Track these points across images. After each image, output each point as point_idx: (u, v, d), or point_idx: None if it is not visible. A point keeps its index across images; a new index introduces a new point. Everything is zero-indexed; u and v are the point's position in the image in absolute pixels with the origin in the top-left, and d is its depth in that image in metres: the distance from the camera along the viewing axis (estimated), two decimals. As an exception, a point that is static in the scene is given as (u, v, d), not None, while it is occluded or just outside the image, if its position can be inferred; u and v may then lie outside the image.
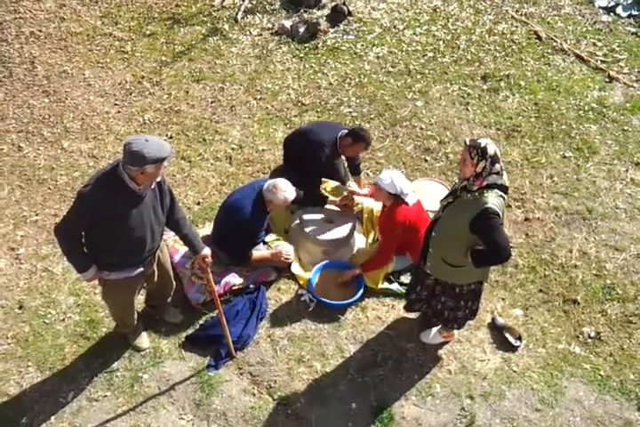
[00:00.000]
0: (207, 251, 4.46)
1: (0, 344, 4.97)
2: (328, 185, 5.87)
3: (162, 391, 4.74)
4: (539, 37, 7.72)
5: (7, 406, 4.64)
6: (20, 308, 5.19)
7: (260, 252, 5.27)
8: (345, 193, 5.70)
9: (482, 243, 4.04)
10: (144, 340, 4.95)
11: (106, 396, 4.71)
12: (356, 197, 5.69)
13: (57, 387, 4.75)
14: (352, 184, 5.90)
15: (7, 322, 5.10)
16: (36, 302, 5.23)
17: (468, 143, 3.90)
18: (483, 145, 3.83)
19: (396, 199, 5.02)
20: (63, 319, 5.13)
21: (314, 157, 5.50)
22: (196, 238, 4.46)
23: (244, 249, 5.16)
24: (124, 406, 4.66)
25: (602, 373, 4.92)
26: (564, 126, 6.72)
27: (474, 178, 3.91)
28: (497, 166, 3.89)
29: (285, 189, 5.05)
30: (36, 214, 5.87)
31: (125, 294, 4.46)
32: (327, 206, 5.66)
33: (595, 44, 7.66)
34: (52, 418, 4.59)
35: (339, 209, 5.68)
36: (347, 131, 5.55)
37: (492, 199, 3.91)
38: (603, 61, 7.42)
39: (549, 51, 7.56)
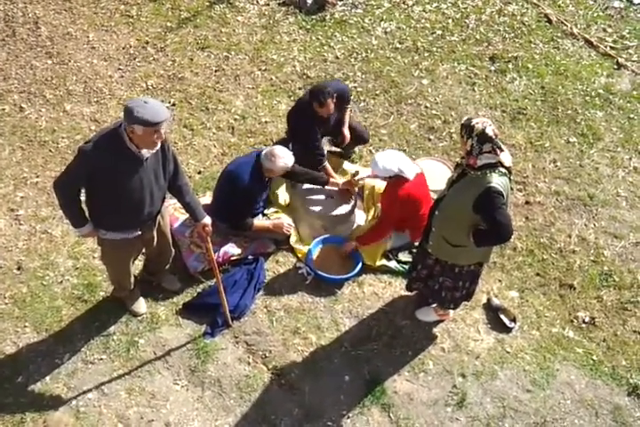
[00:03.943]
0: (208, 220, 4.46)
1: (-3, 304, 5.00)
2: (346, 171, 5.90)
3: (157, 357, 4.77)
4: (549, 20, 7.64)
5: (3, 364, 4.67)
6: (19, 269, 5.19)
7: (260, 221, 5.27)
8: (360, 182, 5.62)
9: (484, 222, 4.04)
10: (141, 305, 4.96)
11: (102, 359, 4.73)
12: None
13: (53, 348, 4.76)
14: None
15: (5, 282, 5.10)
16: (35, 263, 5.22)
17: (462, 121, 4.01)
18: (471, 124, 3.88)
19: (397, 177, 5.00)
20: (61, 282, 5.13)
21: (294, 123, 5.48)
22: (197, 206, 4.45)
23: (244, 217, 5.15)
24: (119, 369, 4.69)
25: (594, 358, 4.96)
26: (569, 111, 6.69)
27: (466, 155, 3.98)
28: (487, 146, 3.88)
29: (283, 156, 5.02)
30: (37, 176, 5.83)
31: (123, 255, 4.47)
32: (327, 187, 5.52)
33: (605, 30, 7.59)
34: (48, 378, 4.61)
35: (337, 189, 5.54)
36: None
37: (496, 179, 3.92)
38: (612, 48, 7.35)
39: (559, 34, 7.48)
